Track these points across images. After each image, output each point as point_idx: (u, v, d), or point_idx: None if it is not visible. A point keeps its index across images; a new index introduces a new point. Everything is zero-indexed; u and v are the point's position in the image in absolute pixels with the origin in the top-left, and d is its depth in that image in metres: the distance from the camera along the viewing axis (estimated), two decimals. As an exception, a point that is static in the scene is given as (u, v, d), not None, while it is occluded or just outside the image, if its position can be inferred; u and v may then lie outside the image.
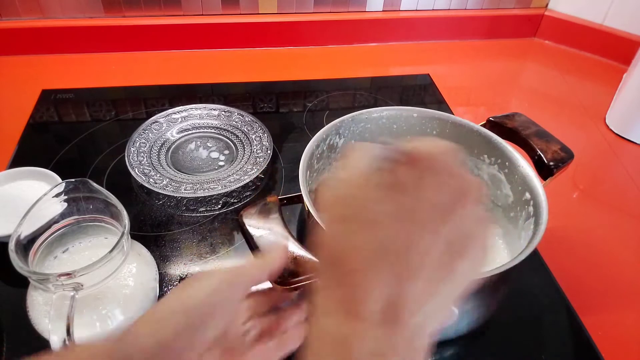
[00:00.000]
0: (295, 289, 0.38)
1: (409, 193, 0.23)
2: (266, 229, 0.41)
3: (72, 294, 0.36)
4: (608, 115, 0.85)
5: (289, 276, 0.37)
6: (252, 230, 0.41)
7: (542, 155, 0.50)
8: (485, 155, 0.52)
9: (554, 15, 1.05)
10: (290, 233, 0.41)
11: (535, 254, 0.59)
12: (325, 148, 0.53)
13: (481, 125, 0.54)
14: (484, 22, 1.05)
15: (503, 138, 0.52)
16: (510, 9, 1.06)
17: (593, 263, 0.61)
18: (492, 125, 0.55)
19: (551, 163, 0.50)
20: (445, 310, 0.24)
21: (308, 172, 0.49)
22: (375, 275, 0.22)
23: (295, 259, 0.39)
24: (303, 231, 0.49)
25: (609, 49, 1.01)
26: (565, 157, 0.51)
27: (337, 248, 0.24)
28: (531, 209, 0.46)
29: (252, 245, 0.40)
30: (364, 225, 0.23)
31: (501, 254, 0.52)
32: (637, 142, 0.80)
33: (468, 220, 0.24)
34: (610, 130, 0.83)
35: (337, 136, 0.53)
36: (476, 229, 0.24)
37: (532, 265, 0.58)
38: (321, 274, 0.25)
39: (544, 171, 0.50)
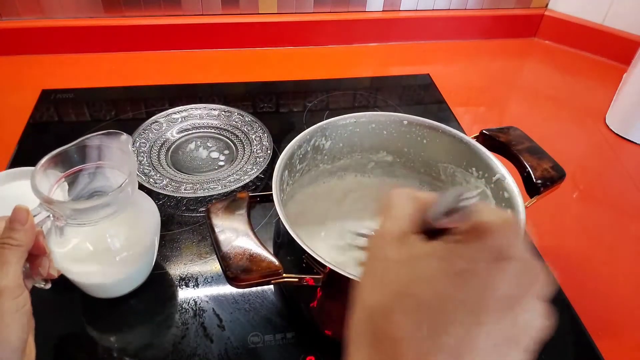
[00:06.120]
0: (249, 285, 0.38)
1: (480, 283, 0.21)
2: (228, 224, 0.41)
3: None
4: (608, 115, 0.85)
5: (242, 273, 0.38)
6: (215, 223, 0.41)
7: (531, 173, 0.49)
8: (474, 168, 0.51)
9: (554, 15, 1.05)
10: (252, 230, 0.41)
11: (535, 254, 0.59)
12: (309, 149, 0.52)
13: (474, 137, 0.53)
14: (484, 22, 1.05)
15: (495, 152, 0.51)
16: (510, 9, 1.06)
17: (593, 263, 0.61)
18: (485, 137, 0.54)
19: (539, 181, 0.49)
20: None
21: (287, 171, 0.49)
22: None
23: (251, 257, 0.39)
24: (279, 232, 0.49)
25: (609, 49, 1.01)
26: (555, 177, 0.49)
27: (383, 319, 0.22)
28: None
29: (212, 238, 0.41)
30: (420, 305, 0.21)
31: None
32: (637, 142, 0.80)
33: (529, 313, 0.22)
34: (610, 130, 0.83)
35: (323, 138, 0.53)
36: (535, 321, 0.22)
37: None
38: (360, 335, 0.23)
39: (532, 189, 0.49)
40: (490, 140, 0.53)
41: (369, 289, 0.24)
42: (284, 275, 0.38)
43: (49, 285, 0.43)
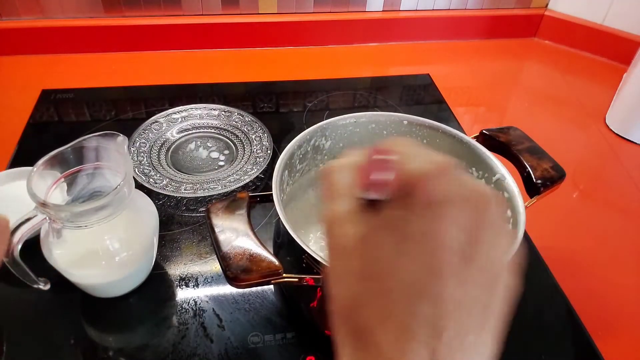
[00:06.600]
0: (249, 285, 0.38)
1: (427, 241, 0.19)
2: (228, 224, 0.41)
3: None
4: (608, 115, 0.85)
5: (242, 273, 0.38)
6: (215, 223, 0.41)
7: (531, 173, 0.49)
8: (474, 168, 0.51)
9: (554, 15, 1.05)
10: (252, 230, 0.41)
11: (535, 254, 0.59)
12: (309, 149, 0.52)
13: (474, 137, 0.53)
14: (484, 22, 1.05)
15: (495, 152, 0.51)
16: (510, 9, 1.06)
17: (593, 263, 0.61)
18: (485, 137, 0.54)
19: (539, 181, 0.49)
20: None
21: (286, 171, 0.49)
22: (407, 353, 0.19)
23: (251, 257, 0.39)
24: (279, 232, 0.49)
25: (609, 49, 1.01)
26: (555, 177, 0.49)
27: (355, 312, 0.21)
28: (509, 227, 0.44)
29: (212, 238, 0.41)
30: (383, 288, 0.20)
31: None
32: (637, 142, 0.80)
33: (494, 248, 0.20)
34: (610, 130, 0.83)
35: (323, 138, 0.53)
36: (502, 251, 0.20)
37: (532, 265, 0.58)
38: (341, 330, 0.22)
39: (532, 189, 0.49)
40: (490, 140, 0.53)
41: (337, 284, 0.22)
42: (284, 275, 0.38)
43: (47, 286, 0.43)
